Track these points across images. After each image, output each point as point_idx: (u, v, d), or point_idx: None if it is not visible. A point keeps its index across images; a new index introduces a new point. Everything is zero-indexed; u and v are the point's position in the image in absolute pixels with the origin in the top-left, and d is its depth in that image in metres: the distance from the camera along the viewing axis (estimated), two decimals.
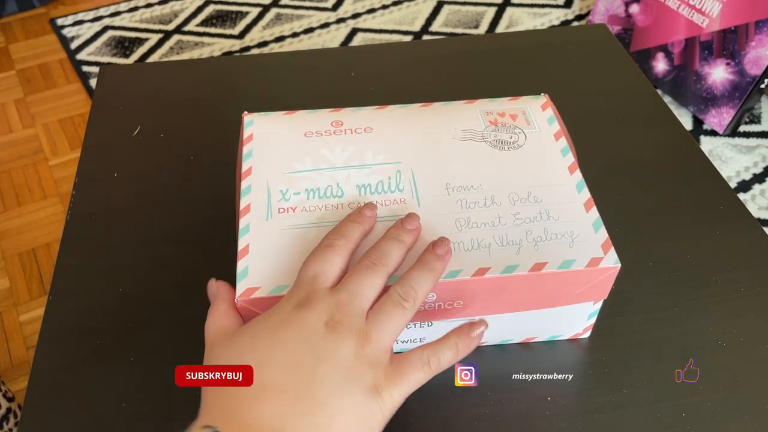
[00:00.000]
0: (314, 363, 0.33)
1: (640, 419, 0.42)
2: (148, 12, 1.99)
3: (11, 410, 0.74)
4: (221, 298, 0.39)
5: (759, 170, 1.47)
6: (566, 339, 0.46)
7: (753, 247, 0.51)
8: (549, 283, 0.39)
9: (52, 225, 1.42)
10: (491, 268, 0.38)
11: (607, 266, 0.39)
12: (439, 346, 0.36)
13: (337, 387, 0.33)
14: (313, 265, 0.37)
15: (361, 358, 0.34)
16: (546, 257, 0.39)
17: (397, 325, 0.35)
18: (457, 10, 1.97)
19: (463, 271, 0.38)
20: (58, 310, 0.47)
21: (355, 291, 0.36)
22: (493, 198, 0.42)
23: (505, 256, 0.39)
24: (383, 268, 0.37)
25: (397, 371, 0.34)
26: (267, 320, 0.35)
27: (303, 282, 0.36)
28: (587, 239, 0.40)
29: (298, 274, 0.37)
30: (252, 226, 0.41)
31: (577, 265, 0.38)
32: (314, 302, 0.35)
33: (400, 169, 0.44)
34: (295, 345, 0.34)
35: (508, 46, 0.72)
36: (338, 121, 0.47)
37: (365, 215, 0.40)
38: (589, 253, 0.39)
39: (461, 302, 0.40)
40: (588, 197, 0.42)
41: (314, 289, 0.36)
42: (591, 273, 0.39)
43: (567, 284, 0.39)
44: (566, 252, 0.39)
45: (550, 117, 0.48)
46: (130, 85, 0.67)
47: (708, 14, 1.51)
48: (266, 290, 0.38)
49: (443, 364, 0.36)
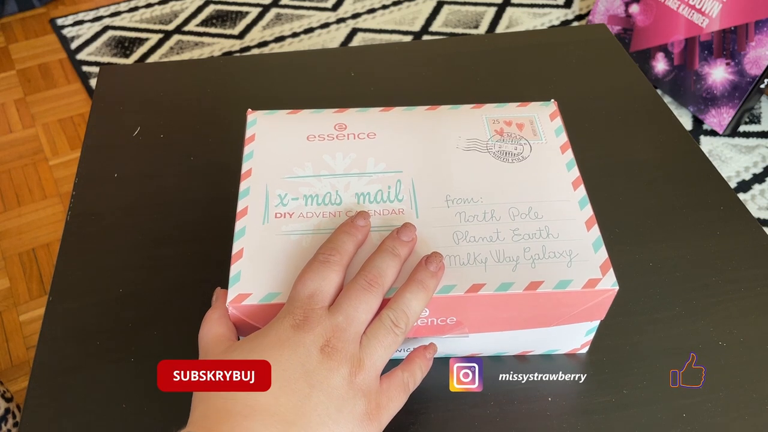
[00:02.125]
0: (307, 390, 0.33)
1: (640, 419, 0.42)
2: (148, 12, 1.99)
3: (9, 410, 0.74)
4: (217, 305, 0.39)
5: (759, 170, 1.47)
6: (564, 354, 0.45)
7: (753, 247, 0.51)
8: (544, 303, 0.39)
9: (52, 225, 1.42)
10: (486, 284, 0.38)
11: (605, 288, 0.38)
12: (412, 366, 0.38)
13: (329, 416, 0.33)
14: (309, 282, 0.36)
15: (353, 386, 0.34)
16: (542, 276, 0.38)
17: (388, 351, 0.36)
18: (457, 10, 1.97)
19: (457, 286, 0.38)
20: (58, 310, 0.47)
21: (352, 315, 0.35)
22: (493, 212, 0.41)
23: (501, 272, 0.38)
24: (379, 289, 0.37)
25: (385, 395, 0.36)
26: (263, 338, 0.35)
27: (299, 300, 0.36)
28: (586, 259, 0.39)
29: (294, 288, 0.37)
30: (248, 229, 0.41)
31: (573, 285, 0.38)
32: (311, 324, 0.35)
33: (401, 178, 0.43)
34: (290, 368, 0.34)
35: (508, 46, 0.72)
36: (342, 124, 0.47)
37: (358, 225, 0.40)
38: (587, 273, 0.38)
39: (454, 318, 0.39)
40: (590, 215, 0.41)
41: (311, 308, 0.35)
42: (588, 294, 0.38)
43: (562, 305, 0.39)
44: (564, 271, 0.38)
45: (558, 127, 0.47)
46: (130, 85, 0.67)
47: (708, 14, 1.51)
48: (257, 297, 0.37)
49: (417, 384, 0.38)
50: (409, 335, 0.40)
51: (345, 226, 0.40)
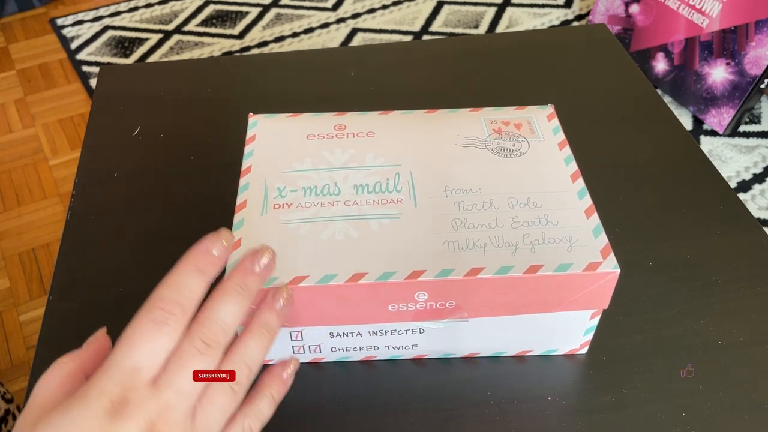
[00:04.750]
0: None
1: (640, 419, 0.42)
2: (148, 12, 1.99)
3: (10, 411, 0.74)
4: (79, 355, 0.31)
5: (759, 170, 1.47)
6: (562, 354, 0.45)
7: (753, 247, 0.51)
8: (545, 286, 0.39)
9: (52, 225, 1.42)
10: (485, 268, 0.38)
11: (606, 271, 0.38)
12: (257, 404, 0.33)
13: None
14: (136, 350, 0.28)
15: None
16: (542, 260, 0.38)
17: (227, 413, 0.30)
18: (457, 10, 1.97)
19: (456, 270, 0.38)
20: (58, 310, 0.47)
21: (184, 389, 0.28)
22: (492, 201, 0.42)
23: (501, 256, 0.38)
24: (218, 349, 0.30)
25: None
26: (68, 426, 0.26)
27: (119, 372, 0.28)
28: (586, 244, 0.39)
29: (114, 353, 0.28)
30: (246, 220, 0.41)
31: (574, 268, 0.38)
32: (132, 408, 0.27)
33: (399, 171, 0.44)
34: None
35: (508, 46, 0.72)
36: (341, 125, 0.47)
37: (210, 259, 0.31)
38: (587, 257, 0.38)
39: (453, 303, 0.39)
40: (589, 204, 0.42)
41: (133, 386, 0.28)
42: (588, 277, 0.38)
43: (563, 288, 0.39)
44: (564, 255, 0.39)
45: (555, 127, 0.47)
46: (130, 85, 0.67)
47: (708, 14, 1.51)
48: None
49: (265, 421, 0.33)
50: (409, 319, 0.40)
51: (196, 260, 0.31)
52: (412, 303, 0.39)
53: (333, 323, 0.41)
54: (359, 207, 0.42)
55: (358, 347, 0.43)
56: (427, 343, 0.43)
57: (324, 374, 0.44)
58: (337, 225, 0.41)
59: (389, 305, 0.39)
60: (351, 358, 0.44)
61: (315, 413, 0.42)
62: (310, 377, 0.44)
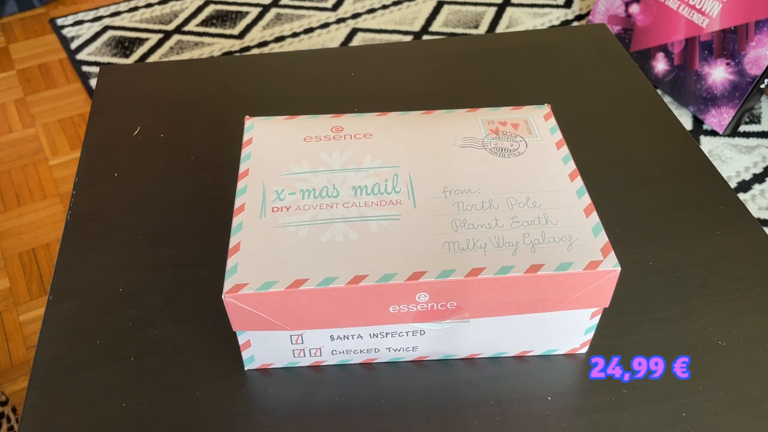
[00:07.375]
0: None
1: (640, 419, 0.42)
2: (148, 12, 1.99)
3: (4, 414, 0.74)
4: None
5: (759, 170, 1.47)
6: (563, 354, 0.45)
7: (753, 247, 0.51)
8: (546, 285, 0.39)
9: (52, 225, 1.42)
10: (486, 268, 0.38)
11: (607, 269, 0.38)
12: None
13: None
14: None
15: None
16: (543, 259, 0.38)
17: None
18: (457, 10, 1.97)
19: (457, 270, 0.38)
20: (58, 310, 0.47)
21: None
22: (491, 201, 0.42)
23: (501, 256, 0.39)
24: None
25: None
26: None
27: None
28: (586, 243, 0.39)
29: None
30: (245, 224, 0.41)
31: (575, 267, 0.38)
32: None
33: (398, 172, 0.44)
34: None
35: (508, 46, 0.72)
36: (338, 127, 0.47)
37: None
38: (588, 256, 0.39)
39: (454, 303, 0.40)
40: (588, 203, 0.42)
41: None
42: (589, 276, 0.38)
43: (564, 288, 0.39)
44: (564, 255, 0.39)
45: (552, 126, 0.48)
46: (130, 85, 0.67)
47: (708, 14, 1.51)
48: (254, 286, 0.38)
49: None
50: (410, 321, 0.40)
51: None
52: (413, 304, 0.39)
53: (334, 326, 0.41)
54: (358, 209, 0.42)
55: (358, 350, 0.43)
56: (428, 345, 0.43)
57: (324, 377, 0.44)
58: (336, 227, 0.41)
59: (390, 307, 0.39)
60: (352, 361, 0.44)
61: (315, 415, 0.42)
62: (311, 380, 0.44)
